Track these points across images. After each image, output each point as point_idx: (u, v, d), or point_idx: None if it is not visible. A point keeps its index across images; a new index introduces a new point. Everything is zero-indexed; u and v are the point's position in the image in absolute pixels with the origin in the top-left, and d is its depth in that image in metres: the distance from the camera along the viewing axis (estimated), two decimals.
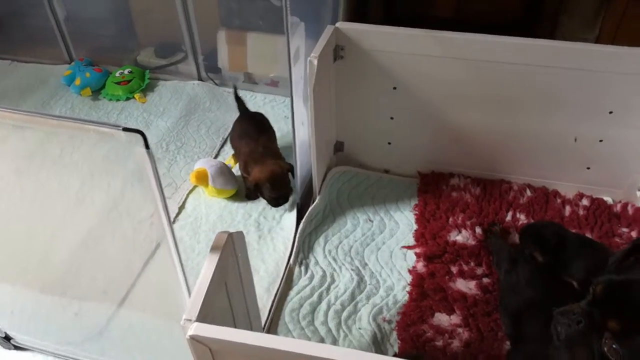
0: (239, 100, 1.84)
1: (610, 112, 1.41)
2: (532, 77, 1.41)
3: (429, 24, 1.43)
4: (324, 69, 1.42)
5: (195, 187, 1.72)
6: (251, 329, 1.10)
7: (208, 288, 0.79)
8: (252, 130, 1.69)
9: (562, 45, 1.38)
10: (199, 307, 0.77)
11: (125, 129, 0.68)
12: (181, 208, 1.68)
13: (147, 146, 0.69)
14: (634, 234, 1.45)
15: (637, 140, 1.44)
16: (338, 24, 1.43)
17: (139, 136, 0.68)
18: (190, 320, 0.75)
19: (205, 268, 0.82)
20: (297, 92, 1.40)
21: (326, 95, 1.51)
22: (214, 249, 0.84)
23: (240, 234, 0.94)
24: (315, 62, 1.29)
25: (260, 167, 1.57)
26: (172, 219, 1.63)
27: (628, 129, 1.42)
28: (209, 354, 0.76)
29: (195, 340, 0.74)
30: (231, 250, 0.89)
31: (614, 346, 0.73)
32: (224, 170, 1.65)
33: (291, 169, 1.57)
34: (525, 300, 1.15)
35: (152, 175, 0.74)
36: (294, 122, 1.40)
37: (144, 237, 1.69)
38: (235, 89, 1.89)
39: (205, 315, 0.79)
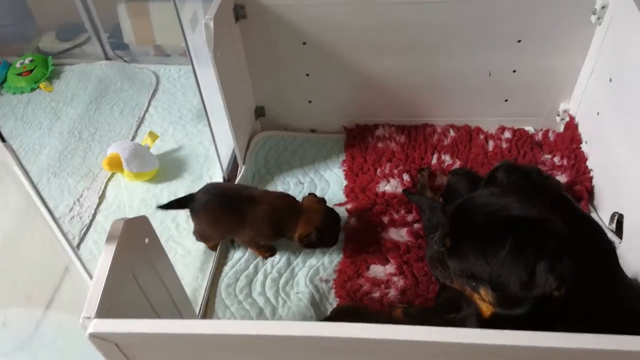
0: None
1: (519, 41, 1.40)
2: (441, 15, 1.37)
3: None
4: (225, 31, 1.34)
5: (113, 173, 1.63)
6: (180, 315, 1.05)
7: (107, 281, 0.74)
8: (249, 192, 1.33)
9: None
10: (97, 302, 0.71)
11: None
12: (101, 197, 1.59)
13: (2, 139, 0.62)
14: (556, 160, 1.47)
15: (548, 66, 1.45)
16: None
17: None
18: (89, 317, 0.70)
19: (101, 260, 0.76)
20: (204, 60, 1.32)
21: (232, 58, 1.43)
22: (109, 238, 0.78)
23: (143, 219, 0.88)
24: (212, 24, 1.22)
25: (304, 218, 1.28)
26: (93, 210, 1.58)
27: (538, 56, 1.42)
28: (116, 350, 0.72)
29: (97, 337, 0.69)
30: (133, 237, 0.84)
31: (448, 260, 0.77)
32: (139, 152, 1.56)
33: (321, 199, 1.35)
34: None
35: (18, 170, 0.66)
36: (202, 93, 1.33)
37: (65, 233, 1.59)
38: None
39: (108, 310, 0.74)
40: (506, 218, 0.69)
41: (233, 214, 1.27)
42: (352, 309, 1.16)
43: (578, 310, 0.67)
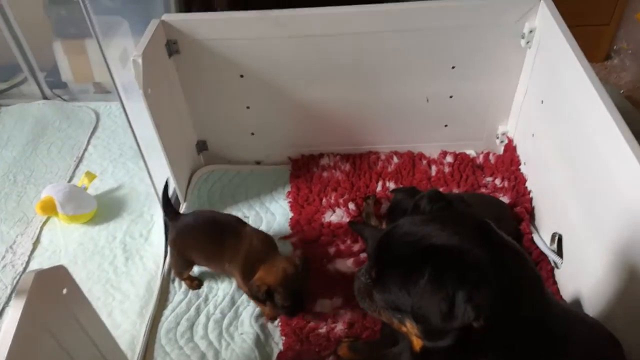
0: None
1: (453, 67, 1.42)
2: (376, 44, 1.38)
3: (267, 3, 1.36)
4: (157, 67, 1.31)
5: (49, 217, 1.56)
6: None
7: (13, 342, 0.68)
8: (232, 225, 1.29)
9: (396, 8, 1.34)
10: None
11: None
12: (36, 243, 1.51)
13: None
14: (497, 182, 1.48)
15: (483, 90, 1.47)
16: (164, 17, 1.33)
17: None
18: None
19: (8, 320, 0.70)
20: (138, 96, 1.28)
21: (167, 94, 1.40)
22: (18, 294, 0.73)
23: (59, 269, 0.83)
24: (140, 60, 1.19)
25: (268, 267, 1.17)
26: (27, 257, 1.49)
27: (473, 81, 1.44)
28: None
29: None
30: (47, 290, 0.78)
31: (374, 292, 0.74)
32: (75, 194, 1.50)
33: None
34: None
35: None
36: (134, 130, 1.30)
37: None
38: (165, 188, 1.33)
39: None
40: (426, 247, 0.67)
41: (216, 238, 1.25)
42: None
43: (505, 340, 0.65)
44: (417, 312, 0.66)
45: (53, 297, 0.81)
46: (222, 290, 1.33)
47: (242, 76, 1.45)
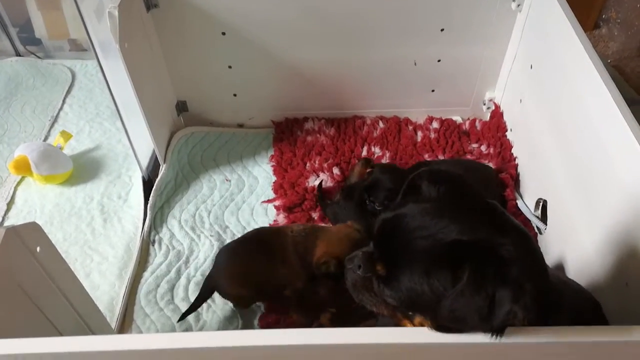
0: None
1: (442, 30, 1.38)
2: (364, 4, 1.34)
3: None
4: (134, 21, 1.25)
5: (23, 177, 1.51)
6: (90, 330, 0.97)
7: None
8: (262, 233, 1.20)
9: None
10: None
11: None
12: (10, 203, 1.47)
13: None
14: (483, 149, 1.47)
15: (472, 55, 1.44)
16: None
17: None
18: None
19: None
20: (115, 52, 1.23)
21: (145, 50, 1.34)
22: None
23: (32, 225, 0.79)
24: (116, 12, 1.13)
25: (325, 239, 1.08)
26: (1, 218, 1.45)
27: (461, 45, 1.41)
28: None
29: None
30: (18, 247, 0.75)
31: (383, 288, 0.67)
32: (50, 153, 1.45)
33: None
34: None
35: None
36: (111, 88, 1.24)
37: None
38: None
39: None
40: (450, 244, 0.61)
41: (260, 253, 1.12)
42: None
43: None
44: (449, 316, 0.60)
45: (26, 254, 0.77)
46: (202, 252, 1.30)
47: (224, 33, 1.40)
